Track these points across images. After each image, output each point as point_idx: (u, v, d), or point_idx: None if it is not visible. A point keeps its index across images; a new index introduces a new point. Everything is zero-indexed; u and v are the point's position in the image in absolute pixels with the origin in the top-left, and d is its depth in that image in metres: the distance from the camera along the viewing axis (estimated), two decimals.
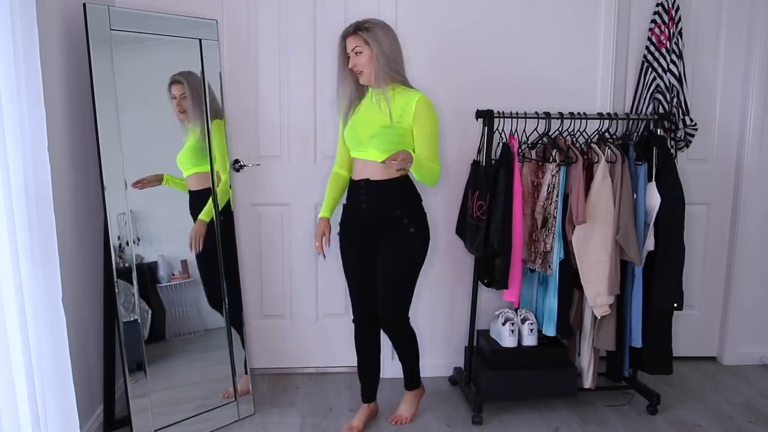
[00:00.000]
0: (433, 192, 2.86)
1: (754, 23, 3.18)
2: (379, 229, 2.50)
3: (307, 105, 3.08)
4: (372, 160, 2.43)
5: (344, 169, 2.63)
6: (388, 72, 2.43)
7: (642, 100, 3.09)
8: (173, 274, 2.65)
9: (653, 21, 3.06)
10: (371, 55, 2.41)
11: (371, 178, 2.46)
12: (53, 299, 1.79)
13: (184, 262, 2.68)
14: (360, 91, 2.53)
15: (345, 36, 2.47)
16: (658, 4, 3.04)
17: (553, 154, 2.71)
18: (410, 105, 2.41)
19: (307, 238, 3.13)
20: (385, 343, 2.77)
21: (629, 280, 2.81)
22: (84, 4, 2.34)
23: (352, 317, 2.66)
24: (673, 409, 2.91)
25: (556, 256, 2.72)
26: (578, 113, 2.81)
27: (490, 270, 2.84)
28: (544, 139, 2.82)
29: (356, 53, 2.42)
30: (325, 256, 2.69)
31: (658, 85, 3.03)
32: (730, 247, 3.36)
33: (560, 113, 2.80)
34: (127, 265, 2.47)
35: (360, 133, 2.47)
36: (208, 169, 2.73)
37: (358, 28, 2.43)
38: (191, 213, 2.71)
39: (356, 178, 2.52)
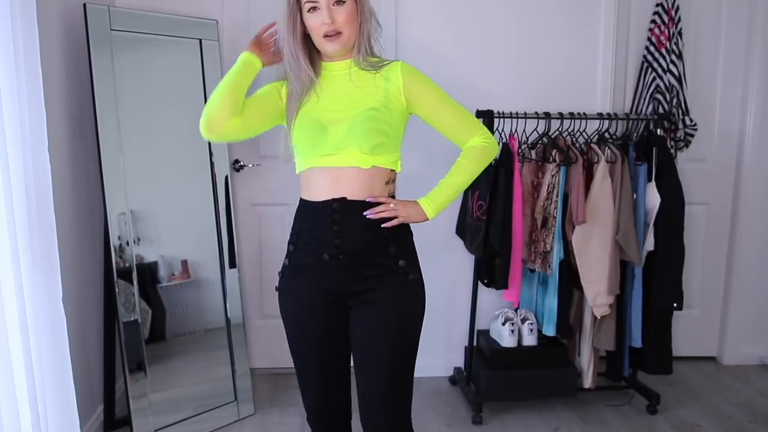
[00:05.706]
0: None
1: (754, 23, 3.17)
2: (360, 278, 1.62)
3: None
4: (351, 166, 1.60)
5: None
6: (371, 35, 1.67)
7: (642, 101, 3.09)
8: (173, 274, 2.65)
9: (653, 21, 3.06)
10: (355, 9, 1.61)
11: (349, 197, 1.61)
12: (53, 299, 1.79)
13: (184, 262, 2.68)
14: (316, 68, 1.67)
15: None
16: (658, 5, 3.04)
17: (553, 154, 2.71)
18: (395, 75, 1.64)
19: None
20: None
21: (629, 280, 2.81)
22: (84, 4, 2.34)
23: (306, 416, 1.76)
24: (673, 409, 2.91)
25: (556, 256, 2.72)
26: (578, 113, 2.81)
27: (490, 270, 2.84)
28: (544, 139, 2.82)
29: (336, 3, 1.58)
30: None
31: (657, 86, 3.03)
32: (730, 247, 3.36)
33: (560, 113, 2.80)
34: (127, 265, 2.47)
35: (329, 122, 1.61)
36: None
37: None
38: None
39: (319, 198, 1.64)
